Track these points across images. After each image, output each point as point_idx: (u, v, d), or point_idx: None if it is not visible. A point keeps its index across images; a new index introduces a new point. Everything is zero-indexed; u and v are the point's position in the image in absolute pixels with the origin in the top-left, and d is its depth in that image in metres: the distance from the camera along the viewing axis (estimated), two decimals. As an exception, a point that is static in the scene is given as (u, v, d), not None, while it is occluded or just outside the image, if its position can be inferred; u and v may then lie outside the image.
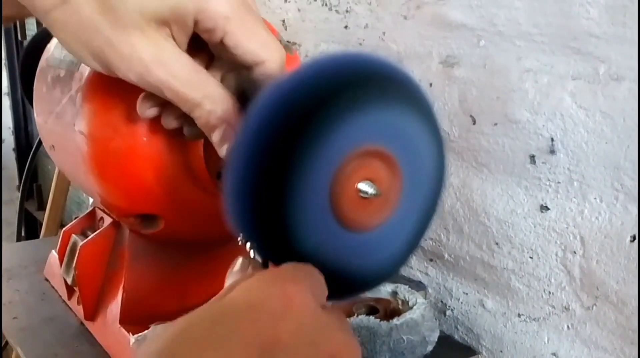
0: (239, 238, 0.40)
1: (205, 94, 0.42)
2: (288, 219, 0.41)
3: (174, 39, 0.42)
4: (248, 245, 0.40)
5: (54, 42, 0.74)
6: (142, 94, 0.47)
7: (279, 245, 0.42)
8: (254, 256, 0.39)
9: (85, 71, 0.63)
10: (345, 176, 0.43)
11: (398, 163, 0.46)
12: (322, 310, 0.34)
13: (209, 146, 0.62)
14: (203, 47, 0.45)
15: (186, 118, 0.45)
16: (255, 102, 0.41)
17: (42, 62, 0.74)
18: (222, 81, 0.46)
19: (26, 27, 2.43)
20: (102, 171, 0.63)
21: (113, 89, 0.62)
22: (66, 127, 0.65)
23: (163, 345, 0.29)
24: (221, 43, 0.42)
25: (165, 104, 0.47)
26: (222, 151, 0.43)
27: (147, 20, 0.40)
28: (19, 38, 2.40)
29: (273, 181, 0.40)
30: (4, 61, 2.48)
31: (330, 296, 0.53)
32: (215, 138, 0.43)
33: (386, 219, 0.47)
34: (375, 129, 0.44)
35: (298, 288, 0.32)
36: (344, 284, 0.47)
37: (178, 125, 0.48)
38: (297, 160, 0.41)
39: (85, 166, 0.64)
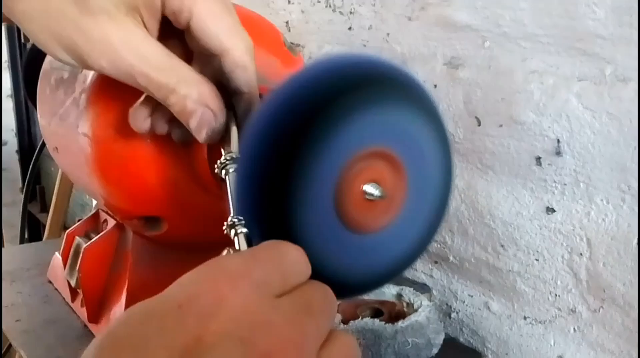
0: (223, 227, 0.39)
1: (179, 78, 0.41)
2: (293, 220, 0.41)
3: (145, 26, 0.41)
4: (232, 232, 0.39)
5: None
6: (133, 107, 0.46)
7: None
8: (239, 247, 0.38)
9: (89, 73, 0.63)
10: (350, 177, 0.43)
11: (403, 164, 0.45)
12: (273, 300, 0.30)
13: (213, 148, 0.62)
14: (180, 47, 0.44)
15: (174, 120, 0.44)
16: (260, 104, 0.41)
17: (46, 64, 0.74)
18: None
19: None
20: (105, 173, 0.63)
21: (116, 91, 0.61)
22: (70, 129, 0.65)
23: (93, 344, 0.27)
24: (189, 28, 0.41)
25: (155, 109, 0.46)
26: (201, 136, 0.42)
27: (116, 5, 0.39)
28: (22, 40, 2.40)
29: (277, 183, 0.40)
30: (7, 63, 2.48)
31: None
32: (192, 124, 0.42)
33: (391, 221, 0.47)
34: (379, 130, 0.44)
35: (237, 281, 0.30)
36: (348, 285, 0.47)
37: (170, 129, 0.47)
38: (302, 162, 0.40)
39: (89, 168, 0.63)
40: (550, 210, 0.68)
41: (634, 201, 0.61)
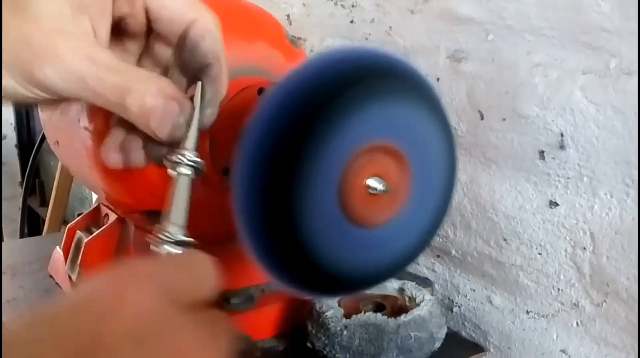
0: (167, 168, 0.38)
1: (133, 76, 0.37)
2: (297, 214, 0.41)
3: (95, 32, 0.38)
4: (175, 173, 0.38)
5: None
6: (101, 146, 0.43)
7: (287, 240, 0.42)
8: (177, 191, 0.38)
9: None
10: (354, 172, 0.43)
11: (407, 159, 0.45)
12: (177, 309, 0.29)
13: (214, 142, 0.61)
14: (128, 49, 0.42)
15: (146, 143, 0.41)
16: (263, 99, 0.40)
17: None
18: None
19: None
20: (106, 167, 0.62)
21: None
22: (71, 123, 0.65)
23: None
24: (147, 13, 0.39)
25: (125, 140, 0.42)
26: (164, 132, 0.38)
27: (60, 7, 0.36)
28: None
29: (282, 178, 0.40)
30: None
31: (337, 292, 0.52)
32: (153, 122, 0.37)
33: (395, 215, 0.46)
34: (383, 124, 0.44)
35: (138, 285, 0.29)
36: (351, 279, 0.47)
37: (145, 157, 0.43)
38: (306, 156, 0.40)
39: (90, 162, 0.63)
40: (553, 204, 0.68)
41: (638, 195, 0.61)
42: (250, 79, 0.63)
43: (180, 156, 0.38)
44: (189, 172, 0.39)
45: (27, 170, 1.90)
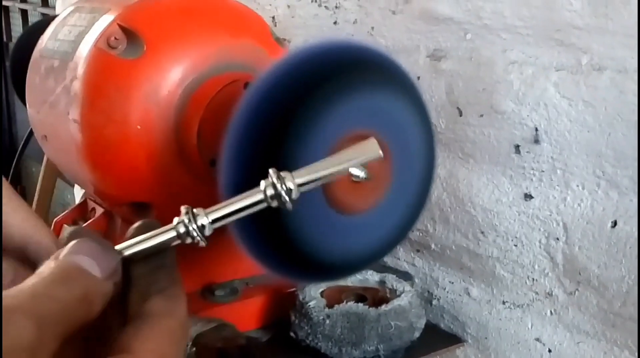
0: None
1: None
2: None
3: None
4: None
5: (46, 35, 0.75)
6: None
7: (273, 227, 0.43)
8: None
9: (79, 60, 0.64)
10: (337, 159, 0.44)
11: (388, 147, 0.47)
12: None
13: (202, 134, 0.63)
14: None
15: None
16: (247, 91, 0.42)
17: (35, 54, 0.74)
18: None
19: (11, 29, 2.43)
20: (95, 159, 0.64)
21: (108, 78, 0.63)
22: (60, 117, 0.66)
23: None
24: None
25: None
26: None
27: None
28: (4, 40, 2.40)
29: (266, 167, 0.42)
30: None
31: (317, 278, 0.54)
32: None
33: (376, 203, 0.48)
34: (365, 114, 0.45)
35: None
36: (336, 265, 0.49)
37: None
38: (289, 146, 0.42)
39: (79, 155, 0.64)
40: (528, 196, 0.71)
41: (608, 186, 0.63)
42: (236, 74, 0.65)
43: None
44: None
45: (10, 176, 1.89)
